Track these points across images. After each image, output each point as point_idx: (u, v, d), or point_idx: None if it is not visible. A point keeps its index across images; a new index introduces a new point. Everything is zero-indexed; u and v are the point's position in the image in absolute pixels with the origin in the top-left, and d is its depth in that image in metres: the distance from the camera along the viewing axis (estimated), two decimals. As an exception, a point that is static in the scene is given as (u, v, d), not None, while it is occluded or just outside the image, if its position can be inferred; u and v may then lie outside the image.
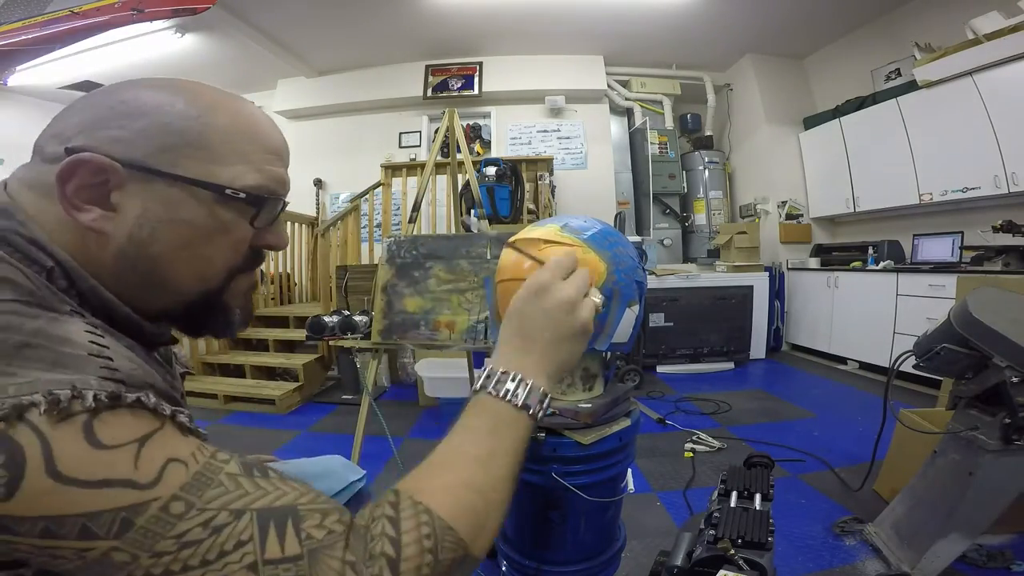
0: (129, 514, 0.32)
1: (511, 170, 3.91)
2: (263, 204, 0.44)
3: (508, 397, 0.46)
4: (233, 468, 0.37)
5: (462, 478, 0.42)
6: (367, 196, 4.19)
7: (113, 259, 0.40)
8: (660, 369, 3.84)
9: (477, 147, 5.03)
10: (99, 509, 0.31)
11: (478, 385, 0.48)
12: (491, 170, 3.79)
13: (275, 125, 0.47)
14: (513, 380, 0.46)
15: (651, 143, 4.82)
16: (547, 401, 0.47)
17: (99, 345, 0.35)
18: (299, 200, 5.01)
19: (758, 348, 4.11)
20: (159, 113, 0.40)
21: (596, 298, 0.53)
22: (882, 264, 3.62)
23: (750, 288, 3.99)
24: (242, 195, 0.43)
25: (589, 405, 0.86)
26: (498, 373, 0.47)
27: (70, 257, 0.39)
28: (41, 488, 0.30)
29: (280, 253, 4.33)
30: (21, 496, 0.30)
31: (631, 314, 0.83)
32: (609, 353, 0.90)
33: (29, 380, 0.31)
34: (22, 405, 0.30)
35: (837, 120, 4.27)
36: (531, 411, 0.46)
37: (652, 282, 3.71)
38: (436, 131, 1.81)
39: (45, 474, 0.30)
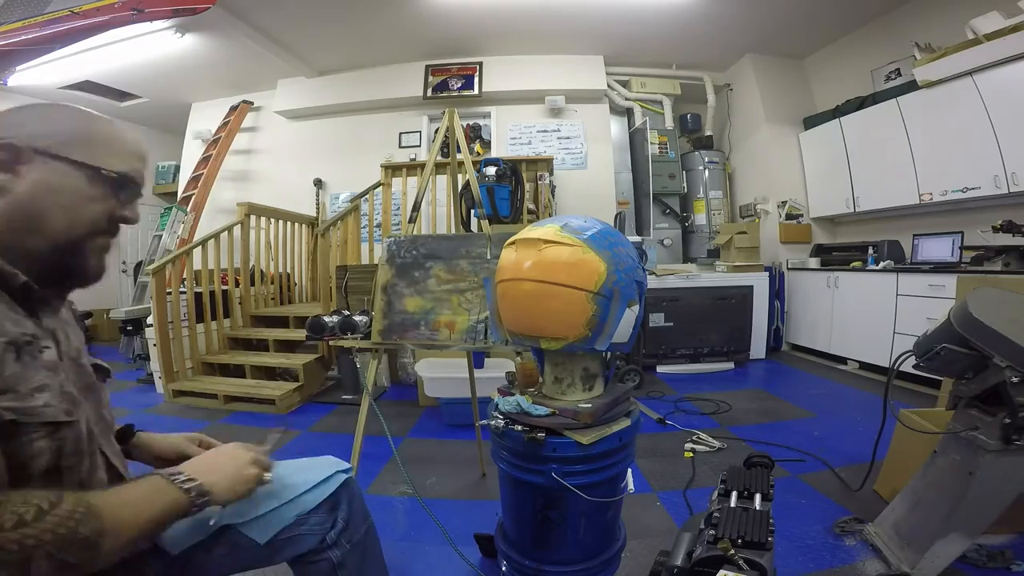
0: None
1: (511, 170, 3.91)
2: (125, 184, 0.64)
3: (169, 476, 0.62)
4: None
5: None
6: (367, 196, 4.19)
7: (8, 207, 0.57)
8: (660, 369, 3.84)
9: (477, 147, 5.03)
10: None
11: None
12: (491, 170, 3.79)
13: (142, 142, 0.68)
14: (177, 474, 0.63)
15: (651, 143, 4.82)
16: (201, 490, 0.63)
17: None
18: (299, 200, 5.02)
19: (758, 348, 4.11)
20: (62, 122, 0.62)
21: (266, 475, 0.75)
22: (882, 264, 3.62)
23: (750, 288, 3.99)
24: (113, 174, 0.62)
25: (589, 405, 0.86)
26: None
27: None
28: None
29: (280, 253, 4.34)
30: None
31: (631, 314, 0.83)
32: (609, 353, 0.90)
33: None
34: None
35: (837, 120, 4.27)
36: (185, 488, 0.61)
37: (652, 282, 3.71)
38: (436, 131, 1.80)
39: None
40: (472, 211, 3.84)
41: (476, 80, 4.85)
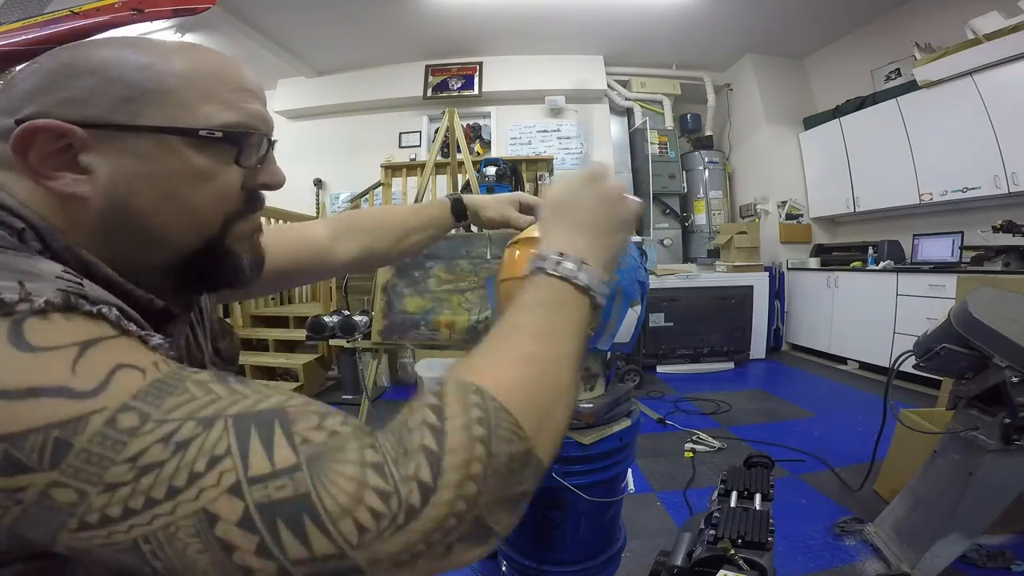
0: (64, 432, 0.25)
1: (511, 170, 3.90)
2: (244, 141, 0.42)
3: (568, 277, 0.41)
4: (205, 376, 0.30)
5: (518, 350, 0.36)
6: (367, 196, 4.19)
7: (98, 221, 0.38)
8: (660, 369, 3.84)
9: (477, 147, 5.03)
10: (23, 428, 0.25)
11: (533, 267, 0.42)
12: (491, 170, 3.78)
13: (242, 64, 0.44)
14: (572, 261, 0.41)
15: (651, 143, 4.82)
16: (604, 290, 0.43)
17: (72, 275, 0.31)
18: (299, 200, 5.01)
19: (758, 348, 4.11)
20: (108, 68, 0.37)
21: (636, 198, 0.52)
22: (882, 264, 3.62)
23: (750, 288, 3.99)
24: (218, 134, 0.40)
25: (591, 405, 0.86)
26: (553, 254, 0.42)
27: (45, 223, 0.36)
28: None
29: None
30: None
31: (633, 314, 0.83)
32: (610, 353, 0.90)
33: None
34: None
35: (837, 120, 4.27)
36: (591, 292, 0.41)
37: (652, 282, 3.71)
38: (436, 131, 1.81)
39: None
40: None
41: (476, 80, 4.85)
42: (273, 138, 0.47)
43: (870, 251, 3.82)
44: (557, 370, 0.36)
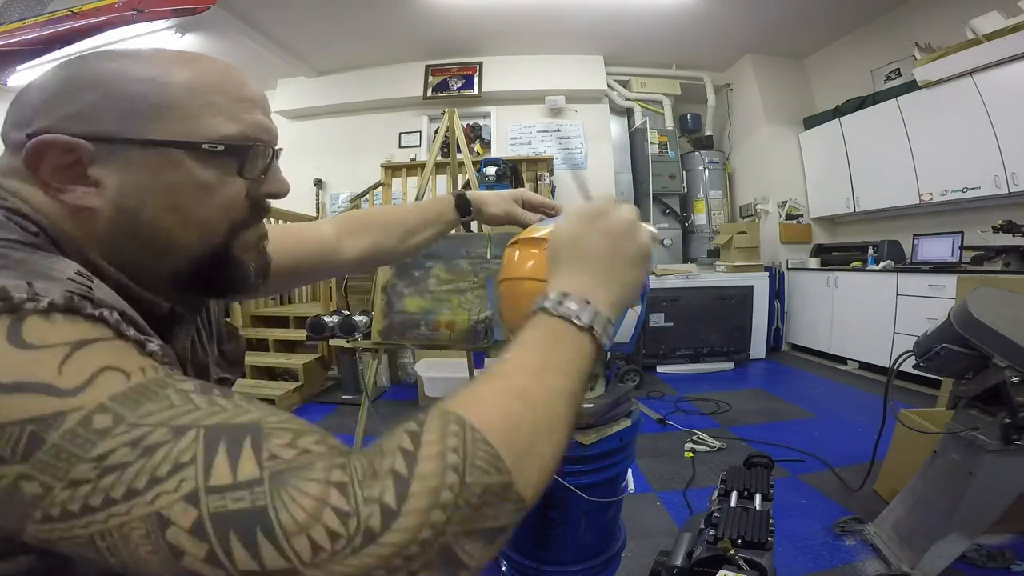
0: (39, 428, 0.26)
1: (511, 170, 3.91)
2: (246, 153, 0.42)
3: (569, 316, 0.40)
4: (188, 386, 0.30)
5: (507, 383, 0.35)
6: (367, 196, 4.18)
7: (109, 231, 0.39)
8: (660, 369, 3.84)
9: (477, 147, 5.03)
10: (4, 421, 0.26)
11: (536, 307, 0.42)
12: (491, 170, 3.79)
13: (243, 73, 0.44)
14: (574, 301, 0.40)
15: (651, 143, 4.82)
16: (611, 330, 0.42)
17: (84, 278, 0.33)
18: (299, 200, 5.02)
19: (758, 348, 4.11)
20: (112, 82, 0.38)
21: (652, 227, 0.49)
22: (882, 264, 3.62)
23: (750, 288, 3.99)
24: (220, 147, 0.40)
25: (591, 405, 0.86)
26: (555, 294, 0.41)
27: (57, 228, 0.37)
28: None
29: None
30: None
31: (633, 314, 0.83)
32: (610, 353, 0.90)
33: None
34: None
35: (837, 120, 4.27)
36: (595, 333, 0.40)
37: (652, 282, 3.71)
38: (436, 131, 1.81)
39: None
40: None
41: (476, 80, 4.85)
42: (278, 147, 0.47)
43: (870, 251, 3.82)
44: (548, 406, 0.35)
